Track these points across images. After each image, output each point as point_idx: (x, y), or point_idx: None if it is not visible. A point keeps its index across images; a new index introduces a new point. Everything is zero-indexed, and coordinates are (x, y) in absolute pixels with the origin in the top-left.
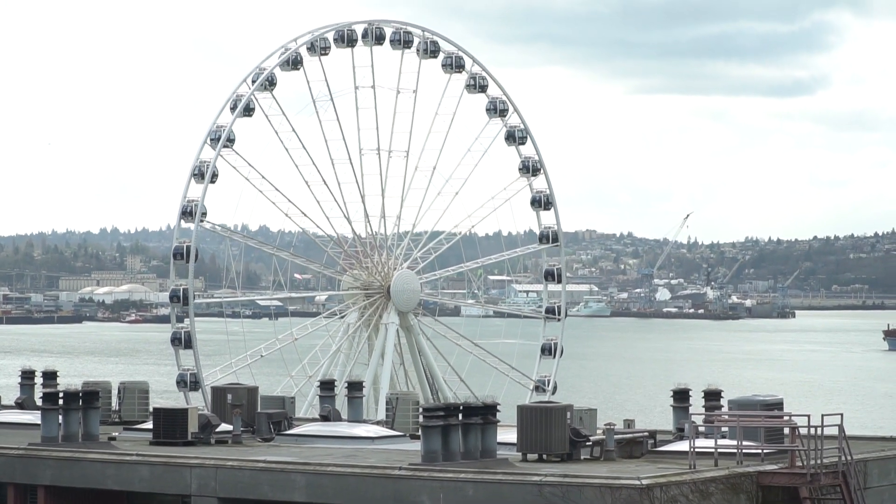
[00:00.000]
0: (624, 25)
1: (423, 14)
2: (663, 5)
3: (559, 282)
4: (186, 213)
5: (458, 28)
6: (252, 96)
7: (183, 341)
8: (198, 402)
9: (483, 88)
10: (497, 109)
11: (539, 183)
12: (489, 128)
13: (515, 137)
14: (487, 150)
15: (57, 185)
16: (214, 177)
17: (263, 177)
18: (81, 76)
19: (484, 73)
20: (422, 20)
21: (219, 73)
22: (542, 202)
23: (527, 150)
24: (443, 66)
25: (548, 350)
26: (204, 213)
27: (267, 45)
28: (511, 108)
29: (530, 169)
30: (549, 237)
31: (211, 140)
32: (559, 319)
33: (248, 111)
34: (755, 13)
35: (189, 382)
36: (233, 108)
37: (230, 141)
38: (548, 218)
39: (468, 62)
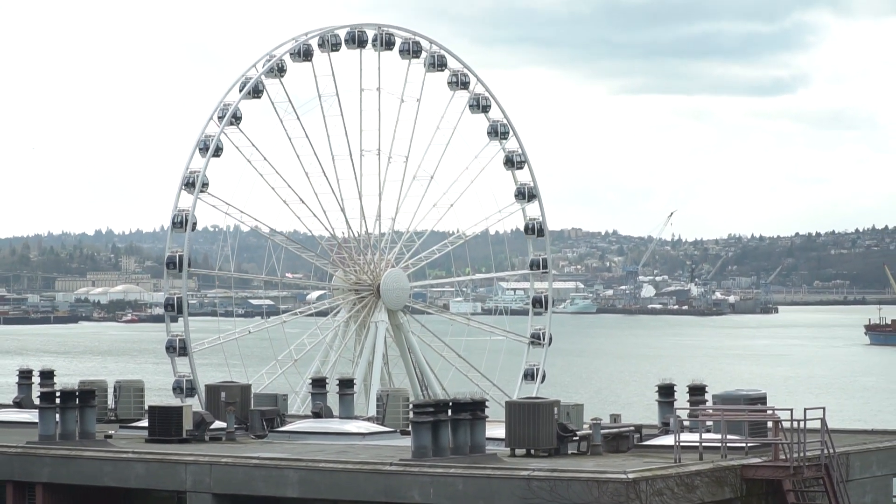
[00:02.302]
0: (606, 26)
1: (409, 16)
2: (645, 6)
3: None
4: (189, 184)
5: (443, 30)
6: (261, 78)
7: (177, 349)
8: (193, 402)
9: (485, 109)
10: (497, 133)
11: (532, 210)
12: (488, 149)
13: (513, 162)
14: (485, 169)
15: (52, 187)
16: (219, 150)
17: (265, 158)
18: (75, 80)
19: (487, 94)
20: (407, 22)
21: (209, 79)
22: (534, 229)
23: (523, 175)
24: (448, 83)
25: (536, 338)
26: (205, 184)
27: (254, 53)
28: (511, 132)
29: (526, 196)
30: (539, 264)
31: (218, 117)
32: (544, 312)
33: (257, 93)
34: (736, 13)
35: (185, 389)
36: (241, 89)
37: (236, 119)
38: (539, 244)
39: (473, 80)
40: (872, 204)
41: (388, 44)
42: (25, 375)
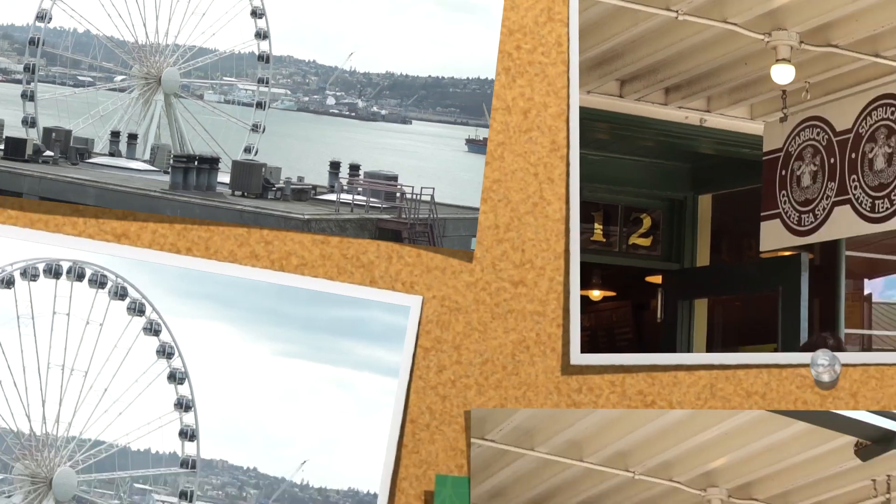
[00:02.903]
0: None
1: None
2: None
3: (268, 86)
4: None
5: None
6: None
7: (28, 96)
8: (34, 136)
9: None
10: (256, 14)
11: (264, 45)
12: (245, 11)
13: (257, 14)
14: (238, 16)
15: None
16: None
17: None
18: None
19: None
20: None
21: None
22: (264, 58)
23: (262, 23)
24: None
25: (254, 128)
26: None
27: None
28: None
29: (261, 36)
30: (264, 81)
31: None
32: (262, 110)
33: None
34: None
35: (29, 122)
36: None
37: None
38: (266, 68)
39: None
40: (479, 63)
41: None
42: None
